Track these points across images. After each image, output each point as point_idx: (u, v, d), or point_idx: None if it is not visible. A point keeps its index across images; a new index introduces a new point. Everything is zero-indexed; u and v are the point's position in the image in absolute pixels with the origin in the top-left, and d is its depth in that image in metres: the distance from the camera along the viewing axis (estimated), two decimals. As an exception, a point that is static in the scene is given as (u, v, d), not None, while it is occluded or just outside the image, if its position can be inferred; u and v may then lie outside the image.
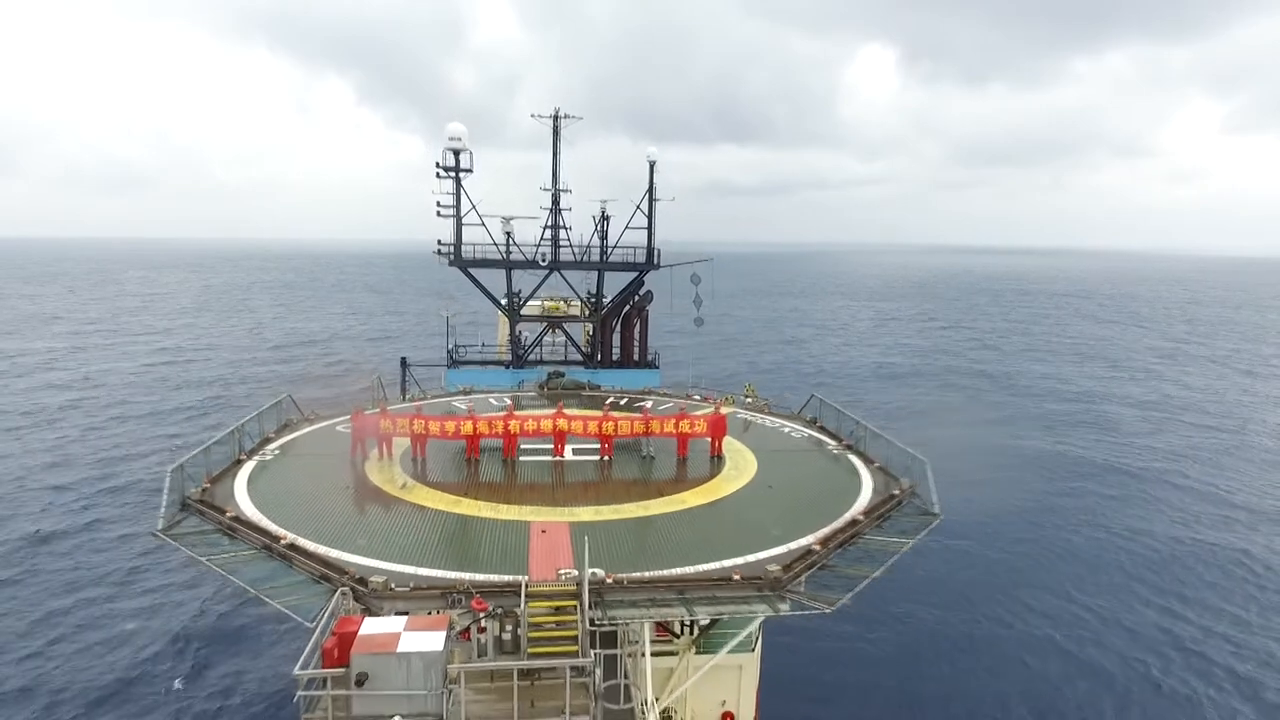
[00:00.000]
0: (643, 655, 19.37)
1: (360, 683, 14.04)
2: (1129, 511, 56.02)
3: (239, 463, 26.00)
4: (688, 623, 23.22)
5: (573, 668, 15.23)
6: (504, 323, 50.50)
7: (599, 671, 15.80)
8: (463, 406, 34.22)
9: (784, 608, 18.05)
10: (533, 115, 45.61)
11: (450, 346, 48.20)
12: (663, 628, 24.08)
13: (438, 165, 42.74)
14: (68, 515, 50.69)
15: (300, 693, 14.29)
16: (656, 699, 21.45)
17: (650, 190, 45.45)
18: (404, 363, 46.78)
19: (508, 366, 46.85)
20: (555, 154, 45.22)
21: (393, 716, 14.25)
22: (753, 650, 25.44)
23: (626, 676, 18.87)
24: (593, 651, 15.95)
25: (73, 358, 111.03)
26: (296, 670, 14.47)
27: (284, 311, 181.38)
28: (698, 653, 23.41)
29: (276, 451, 27.71)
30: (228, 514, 21.36)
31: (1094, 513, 55.53)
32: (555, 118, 45.31)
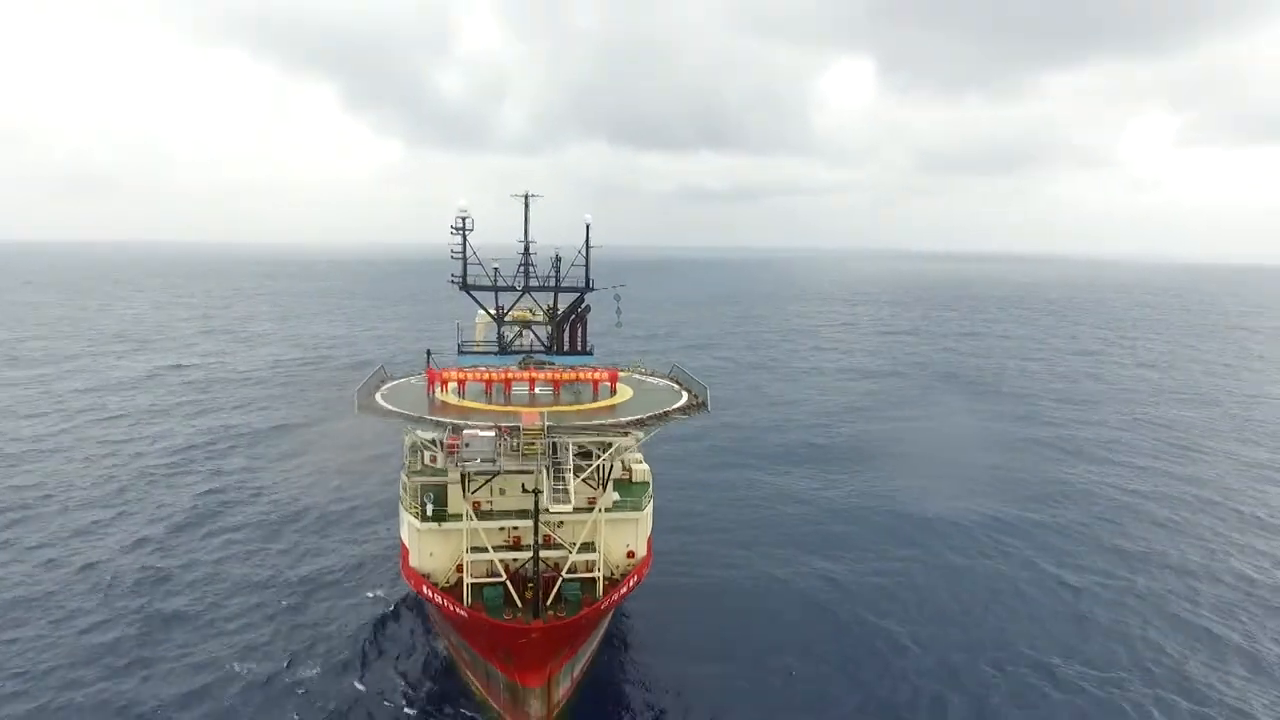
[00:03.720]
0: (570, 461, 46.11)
1: (466, 445, 40.77)
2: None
3: (372, 394, 52.18)
4: (602, 477, 48.07)
5: (540, 447, 42.20)
6: (481, 324, 75.53)
7: (549, 454, 42.58)
8: None
9: (625, 441, 45.07)
10: (512, 195, 71.80)
11: (459, 341, 74.05)
12: (593, 497, 48.28)
13: (451, 227, 68.51)
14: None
15: (438, 456, 41.03)
16: (579, 542, 46.23)
17: (587, 241, 71.78)
18: (428, 353, 72.38)
19: (496, 355, 72.58)
20: (526, 221, 71.36)
21: (476, 459, 41.04)
22: (643, 510, 50.60)
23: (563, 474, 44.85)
24: (544, 441, 42.69)
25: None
26: (446, 443, 41.26)
27: (333, 317, 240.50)
28: (606, 511, 48.10)
29: (387, 389, 54.14)
30: (382, 408, 47.71)
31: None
32: (525, 197, 71.58)
